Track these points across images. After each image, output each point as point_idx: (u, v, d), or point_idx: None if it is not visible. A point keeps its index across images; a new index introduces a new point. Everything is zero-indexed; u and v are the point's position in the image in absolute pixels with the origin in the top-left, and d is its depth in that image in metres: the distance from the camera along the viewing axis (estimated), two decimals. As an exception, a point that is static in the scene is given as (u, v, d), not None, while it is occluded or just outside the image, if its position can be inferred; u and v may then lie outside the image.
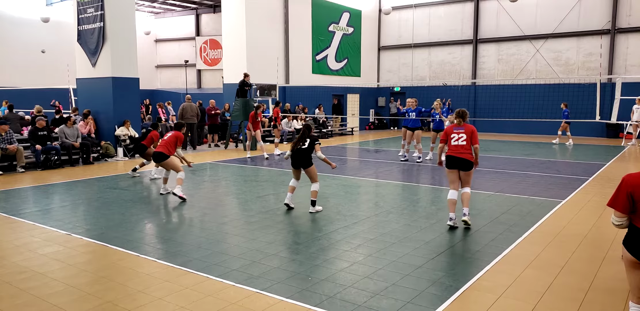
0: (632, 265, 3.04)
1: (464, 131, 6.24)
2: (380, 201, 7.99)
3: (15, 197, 8.24)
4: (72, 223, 6.46)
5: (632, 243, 3.01)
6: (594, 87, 14.49)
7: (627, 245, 3.04)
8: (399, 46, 25.07)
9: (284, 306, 3.87)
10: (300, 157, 7.04)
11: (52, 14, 22.07)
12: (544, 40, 21.05)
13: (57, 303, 3.95)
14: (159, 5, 26.57)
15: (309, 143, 7.04)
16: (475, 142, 6.25)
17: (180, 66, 27.15)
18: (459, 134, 6.25)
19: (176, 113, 19.54)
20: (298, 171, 7.20)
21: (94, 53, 13.73)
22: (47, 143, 11.50)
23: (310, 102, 21.01)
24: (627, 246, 3.04)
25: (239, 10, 18.37)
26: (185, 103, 15.81)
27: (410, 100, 12.43)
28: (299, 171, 7.20)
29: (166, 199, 8.10)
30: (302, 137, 7.09)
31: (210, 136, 17.22)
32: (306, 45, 21.46)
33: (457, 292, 4.13)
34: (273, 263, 4.86)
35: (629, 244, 3.03)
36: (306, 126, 7.21)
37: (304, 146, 7.03)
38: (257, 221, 6.51)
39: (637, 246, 2.98)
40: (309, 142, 7.04)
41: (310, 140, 7.05)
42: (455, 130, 6.30)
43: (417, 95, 23.56)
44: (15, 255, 5.17)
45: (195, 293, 4.12)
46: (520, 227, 6.19)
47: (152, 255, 5.14)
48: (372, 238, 5.71)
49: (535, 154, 14.10)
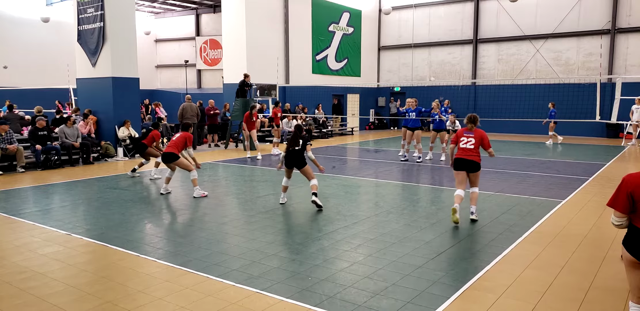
0: (632, 265, 3.04)
1: (473, 136, 6.54)
2: (380, 201, 7.99)
3: (15, 197, 8.24)
4: (72, 223, 6.46)
5: (632, 243, 3.01)
6: (594, 87, 14.48)
7: (627, 245, 3.04)
8: (399, 46, 25.07)
9: (284, 306, 3.87)
10: (294, 158, 7.28)
11: (52, 14, 22.06)
12: (544, 40, 21.05)
13: (57, 303, 3.95)
14: (159, 5, 26.57)
15: (301, 144, 7.28)
16: (487, 146, 6.57)
17: (180, 66, 27.14)
18: (468, 138, 6.54)
19: (169, 114, 19.62)
20: (291, 171, 7.49)
21: (94, 53, 13.73)
22: (47, 143, 11.50)
23: (310, 102, 21.01)
24: (626, 247, 3.04)
25: (239, 10, 18.37)
26: (186, 103, 15.79)
27: (410, 100, 12.44)
28: (291, 171, 7.49)
29: (166, 199, 8.10)
30: (294, 139, 7.30)
31: (210, 136, 17.22)
32: (306, 45, 21.46)
33: (457, 292, 4.13)
34: (273, 263, 4.86)
35: (629, 245, 3.03)
36: (297, 127, 7.46)
37: (298, 147, 7.27)
38: (257, 221, 6.51)
39: (637, 246, 2.98)
40: (301, 143, 7.28)
41: (303, 141, 7.29)
42: (466, 134, 6.60)
43: (417, 95, 23.55)
44: (15, 255, 5.17)
45: (195, 293, 4.12)
46: (520, 227, 6.20)
47: (152, 255, 5.14)
48: (372, 238, 5.71)
49: (536, 154, 14.10)
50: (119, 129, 13.49)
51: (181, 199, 8.08)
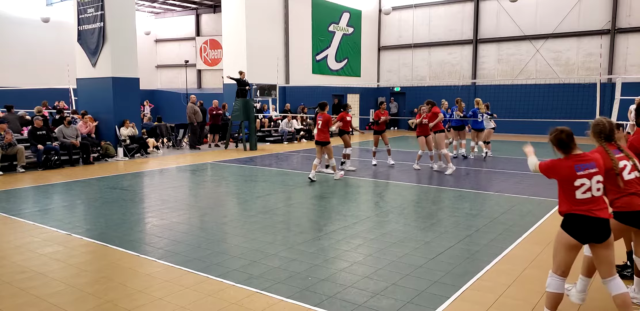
0: (569, 247, 3.36)
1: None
2: (380, 201, 7.99)
3: (15, 197, 8.24)
4: (72, 223, 6.46)
5: (573, 227, 3.35)
6: (594, 87, 14.48)
7: (568, 229, 3.36)
8: (399, 46, 25.07)
9: (284, 306, 3.88)
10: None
11: (52, 14, 22.07)
12: (544, 40, 21.05)
13: (57, 303, 3.95)
14: (159, 5, 26.57)
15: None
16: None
17: (180, 66, 27.14)
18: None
19: (168, 114, 19.68)
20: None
21: (94, 53, 13.73)
22: (47, 143, 11.50)
23: (310, 102, 20.99)
24: (567, 230, 3.36)
25: (239, 10, 18.37)
26: (190, 104, 15.99)
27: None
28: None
29: (166, 199, 8.09)
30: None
31: (211, 136, 17.23)
32: (306, 46, 21.46)
33: (457, 292, 4.13)
34: (273, 263, 4.86)
35: (570, 229, 3.35)
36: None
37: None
38: (257, 221, 6.51)
39: (577, 229, 3.32)
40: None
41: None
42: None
43: (417, 95, 23.63)
44: (15, 255, 5.17)
45: (195, 293, 4.12)
46: (520, 227, 6.19)
47: (152, 255, 5.14)
48: (372, 238, 5.71)
49: (536, 154, 14.06)
50: (119, 129, 13.50)
51: (181, 199, 8.08)
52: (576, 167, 3.35)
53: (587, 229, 3.30)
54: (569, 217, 3.37)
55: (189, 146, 16.16)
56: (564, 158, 3.45)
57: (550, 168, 3.52)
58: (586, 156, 3.41)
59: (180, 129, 16.35)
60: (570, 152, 3.43)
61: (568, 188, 3.38)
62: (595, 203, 3.33)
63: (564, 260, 3.40)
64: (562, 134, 3.43)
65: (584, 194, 3.32)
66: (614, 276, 3.35)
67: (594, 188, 3.33)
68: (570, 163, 3.39)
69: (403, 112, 24.59)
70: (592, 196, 3.33)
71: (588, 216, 3.30)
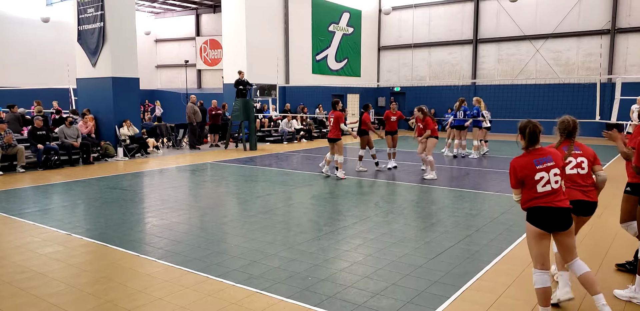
0: (538, 237, 3.55)
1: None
2: (380, 201, 7.99)
3: (15, 197, 8.24)
4: (72, 223, 6.46)
5: (536, 218, 3.55)
6: (594, 87, 14.49)
7: (532, 221, 3.56)
8: (399, 46, 25.07)
9: (284, 306, 3.88)
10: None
11: (52, 14, 22.07)
12: (544, 40, 21.05)
13: (57, 303, 3.95)
14: (159, 5, 26.57)
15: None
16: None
17: (180, 66, 27.15)
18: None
19: (167, 114, 19.72)
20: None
21: (94, 53, 13.73)
22: (47, 143, 11.50)
23: (310, 102, 21.01)
24: (532, 222, 3.56)
25: (239, 10, 18.37)
26: (190, 104, 16.00)
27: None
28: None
29: (166, 199, 8.10)
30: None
31: (211, 136, 17.24)
32: (306, 46, 21.46)
33: (457, 292, 4.13)
34: (273, 263, 4.86)
35: (534, 220, 3.55)
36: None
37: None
38: (257, 221, 6.51)
39: (540, 219, 3.53)
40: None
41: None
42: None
43: (416, 95, 23.64)
44: (15, 255, 5.17)
45: (195, 293, 4.12)
46: (520, 227, 6.19)
47: (152, 255, 5.14)
48: (372, 238, 5.71)
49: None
50: (119, 129, 13.50)
51: (181, 199, 8.08)
52: (535, 161, 3.55)
53: (552, 219, 3.51)
54: (534, 210, 3.57)
55: (189, 146, 16.17)
56: (524, 154, 3.62)
57: (515, 171, 3.61)
58: (543, 150, 3.61)
59: (180, 129, 16.37)
60: (534, 146, 3.61)
61: (529, 182, 3.55)
62: (555, 195, 3.54)
63: (540, 252, 3.57)
64: (537, 128, 3.59)
65: (544, 187, 3.52)
66: (575, 259, 3.65)
67: (552, 180, 3.53)
68: (530, 158, 3.57)
69: (403, 112, 24.57)
70: (552, 189, 3.53)
71: (551, 207, 3.51)
